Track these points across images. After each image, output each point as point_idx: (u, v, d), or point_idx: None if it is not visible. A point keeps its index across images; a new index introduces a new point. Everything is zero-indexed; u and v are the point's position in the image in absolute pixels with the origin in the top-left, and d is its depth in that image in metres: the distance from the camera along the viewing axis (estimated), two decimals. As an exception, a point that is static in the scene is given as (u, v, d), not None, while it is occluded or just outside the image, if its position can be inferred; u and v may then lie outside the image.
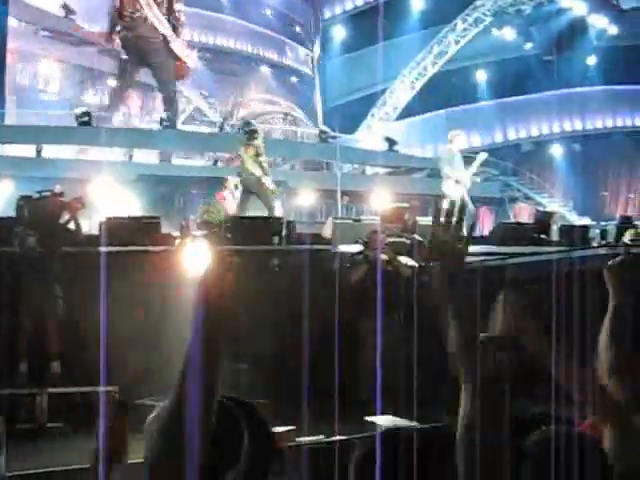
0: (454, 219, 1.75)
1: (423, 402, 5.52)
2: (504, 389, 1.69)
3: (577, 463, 1.79)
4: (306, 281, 4.60)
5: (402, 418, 5.35)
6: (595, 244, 10.75)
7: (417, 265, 7.01)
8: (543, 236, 9.98)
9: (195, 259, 6.50)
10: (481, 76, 24.85)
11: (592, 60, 25.08)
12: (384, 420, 5.32)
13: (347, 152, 18.11)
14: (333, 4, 24.13)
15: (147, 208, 13.20)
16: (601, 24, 22.89)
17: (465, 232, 1.74)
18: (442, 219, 1.78)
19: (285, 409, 5.47)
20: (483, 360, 1.69)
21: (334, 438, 5.20)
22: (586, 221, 16.56)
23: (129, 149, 16.42)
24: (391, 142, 19.66)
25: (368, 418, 5.30)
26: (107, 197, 11.61)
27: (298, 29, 24.86)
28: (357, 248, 7.03)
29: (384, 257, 6.86)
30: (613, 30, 23.10)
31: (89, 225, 9.23)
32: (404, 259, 7.00)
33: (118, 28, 16.54)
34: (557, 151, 25.91)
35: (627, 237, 10.09)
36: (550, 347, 2.41)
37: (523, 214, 20.49)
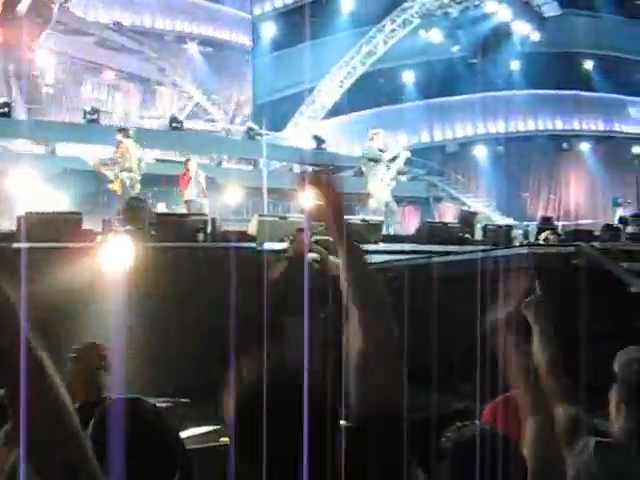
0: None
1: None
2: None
3: (491, 461, 1.80)
4: (229, 278, 4.54)
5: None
6: (517, 243, 10.98)
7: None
8: (467, 235, 10.15)
9: (117, 256, 6.35)
10: (408, 77, 25.11)
11: (516, 64, 25.66)
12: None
13: (275, 150, 18.06)
14: (263, 1, 23.99)
15: (71, 203, 12.90)
16: (524, 30, 23.43)
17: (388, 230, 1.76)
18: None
19: (207, 408, 5.38)
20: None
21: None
22: (509, 221, 16.91)
23: (53, 142, 15.99)
24: (319, 140, 19.70)
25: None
26: (28, 191, 11.30)
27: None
28: (283, 246, 6.99)
29: (311, 255, 6.83)
30: (536, 36, 23.67)
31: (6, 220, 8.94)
32: (331, 257, 6.99)
33: None
34: (481, 152, 26.40)
35: (542, 237, 10.36)
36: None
37: (448, 214, 20.82)
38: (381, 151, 10.94)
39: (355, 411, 1.86)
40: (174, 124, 17.80)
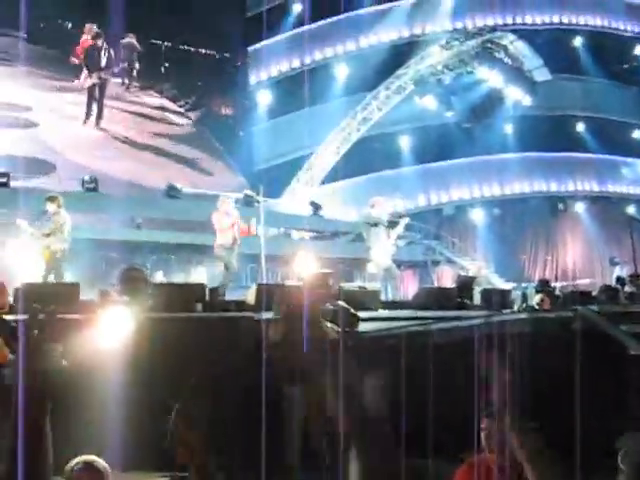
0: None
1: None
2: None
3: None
4: (228, 349, 4.52)
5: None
6: (516, 306, 10.97)
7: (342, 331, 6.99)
8: (466, 300, 10.14)
9: (115, 326, 6.32)
10: (404, 142, 25.45)
11: (509, 128, 26.07)
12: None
13: (272, 216, 18.17)
14: (259, 69, 24.47)
15: (68, 273, 12.88)
16: (517, 95, 23.84)
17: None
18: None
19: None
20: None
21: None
22: (508, 284, 16.93)
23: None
24: (316, 206, 19.84)
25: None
26: (26, 262, 11.27)
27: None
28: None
29: (310, 323, 6.82)
30: (527, 101, 24.07)
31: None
32: (330, 325, 6.98)
33: None
34: (478, 215, 26.59)
35: (535, 301, 10.38)
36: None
37: (446, 277, 20.84)
38: (381, 217, 11.07)
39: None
40: (171, 192, 17.94)
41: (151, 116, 22.30)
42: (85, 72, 19.06)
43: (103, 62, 18.89)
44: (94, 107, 19.40)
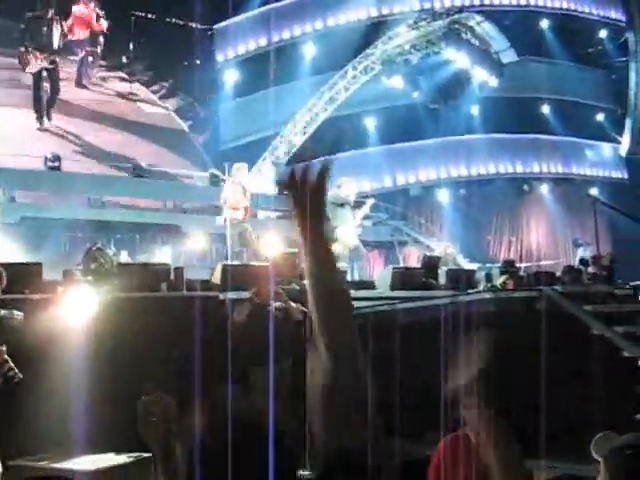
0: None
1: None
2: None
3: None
4: (192, 329, 4.49)
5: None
6: (481, 286, 11.07)
7: (307, 310, 7.00)
8: (431, 280, 10.20)
9: (78, 306, 6.26)
10: (371, 122, 25.41)
11: (475, 109, 26.17)
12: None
13: (239, 195, 18.07)
14: (226, 48, 24.21)
15: (31, 253, 12.71)
16: (483, 76, 23.91)
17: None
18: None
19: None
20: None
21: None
22: (473, 265, 17.06)
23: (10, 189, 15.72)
24: (282, 186, 19.71)
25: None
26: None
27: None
28: (246, 295, 6.96)
29: (275, 304, 6.82)
30: (494, 82, 24.16)
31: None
32: (295, 305, 6.98)
33: None
34: (444, 196, 26.71)
35: (499, 281, 10.49)
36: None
37: (412, 257, 20.93)
38: (347, 197, 11.06)
39: (317, 459, 1.83)
40: (137, 171, 17.75)
41: (116, 99, 21.86)
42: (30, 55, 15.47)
43: (56, 41, 15.45)
44: (44, 100, 16.41)
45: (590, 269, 13.61)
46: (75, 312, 6.06)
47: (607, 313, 7.72)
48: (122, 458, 5.36)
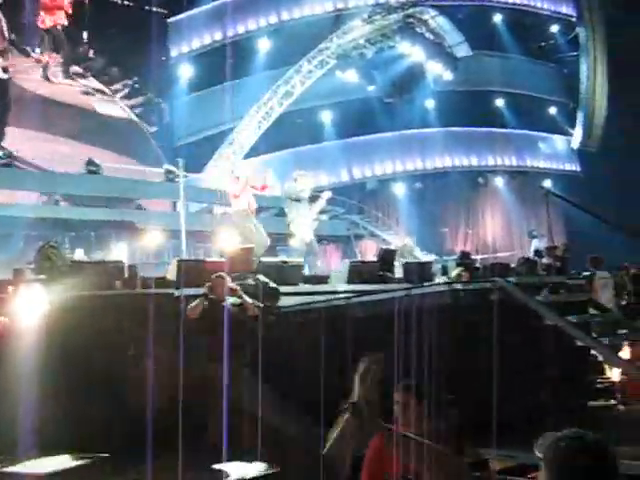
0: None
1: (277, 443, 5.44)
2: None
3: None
4: (147, 326, 4.44)
5: (251, 463, 5.24)
6: (437, 280, 11.11)
7: (262, 305, 6.97)
8: (387, 273, 10.21)
9: (29, 305, 6.14)
10: (326, 116, 25.43)
11: (430, 103, 26.34)
12: (232, 467, 5.19)
13: (193, 191, 17.93)
14: (180, 43, 23.96)
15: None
16: (437, 70, 24.07)
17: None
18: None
19: (128, 461, 5.22)
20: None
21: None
22: (429, 257, 17.14)
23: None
24: (238, 181, 19.60)
25: (216, 466, 5.15)
26: None
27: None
28: (201, 291, 6.89)
29: (230, 300, 6.77)
30: (448, 76, 24.34)
31: None
32: (250, 300, 6.94)
33: None
34: (400, 189, 26.85)
35: (453, 275, 10.53)
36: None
37: (369, 251, 21.00)
38: (303, 191, 10.97)
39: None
40: (90, 168, 17.47)
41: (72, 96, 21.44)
42: None
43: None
44: None
45: (544, 260, 13.78)
46: (25, 311, 5.94)
47: (560, 303, 7.83)
48: (74, 460, 5.26)
